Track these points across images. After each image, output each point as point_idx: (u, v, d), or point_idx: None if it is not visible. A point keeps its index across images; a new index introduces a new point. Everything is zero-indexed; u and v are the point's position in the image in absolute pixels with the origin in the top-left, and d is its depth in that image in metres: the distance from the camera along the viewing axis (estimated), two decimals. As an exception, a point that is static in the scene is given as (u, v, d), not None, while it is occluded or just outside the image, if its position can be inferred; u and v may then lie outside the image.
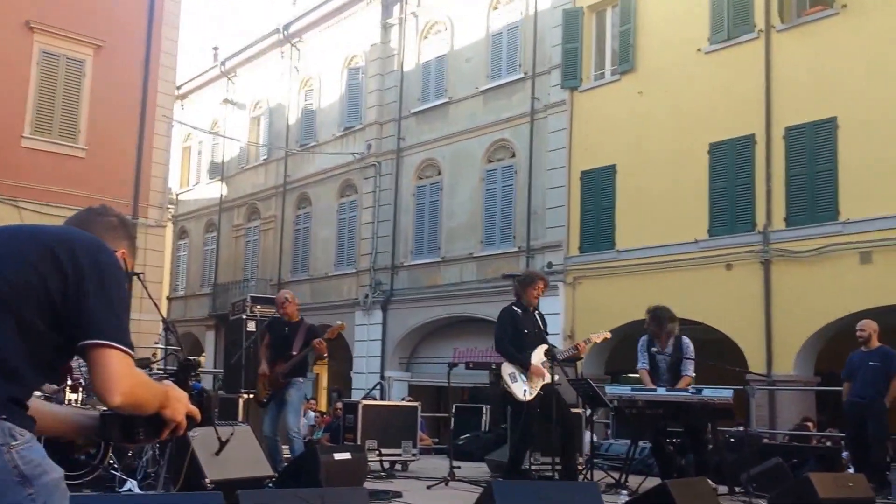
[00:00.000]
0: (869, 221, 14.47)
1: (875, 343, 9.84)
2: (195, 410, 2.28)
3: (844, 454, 10.60)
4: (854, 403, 9.78)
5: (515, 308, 8.49)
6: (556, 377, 8.22)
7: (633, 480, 8.79)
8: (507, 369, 8.15)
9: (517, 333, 8.28)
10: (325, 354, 9.17)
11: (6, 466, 1.95)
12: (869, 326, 9.94)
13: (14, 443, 1.98)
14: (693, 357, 8.92)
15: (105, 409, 2.23)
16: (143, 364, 8.67)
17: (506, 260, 20.18)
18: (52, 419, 2.27)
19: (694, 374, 8.96)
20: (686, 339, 8.97)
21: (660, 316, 8.91)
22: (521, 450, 8.50)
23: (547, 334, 8.65)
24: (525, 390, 8.08)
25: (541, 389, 8.17)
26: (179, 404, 2.23)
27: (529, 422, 8.10)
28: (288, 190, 27.43)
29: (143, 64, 18.88)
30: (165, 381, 2.31)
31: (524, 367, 8.09)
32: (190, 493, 5.11)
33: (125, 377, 2.05)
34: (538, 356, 8.22)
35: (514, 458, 8.45)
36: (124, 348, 2.08)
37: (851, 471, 9.44)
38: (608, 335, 8.93)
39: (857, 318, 11.39)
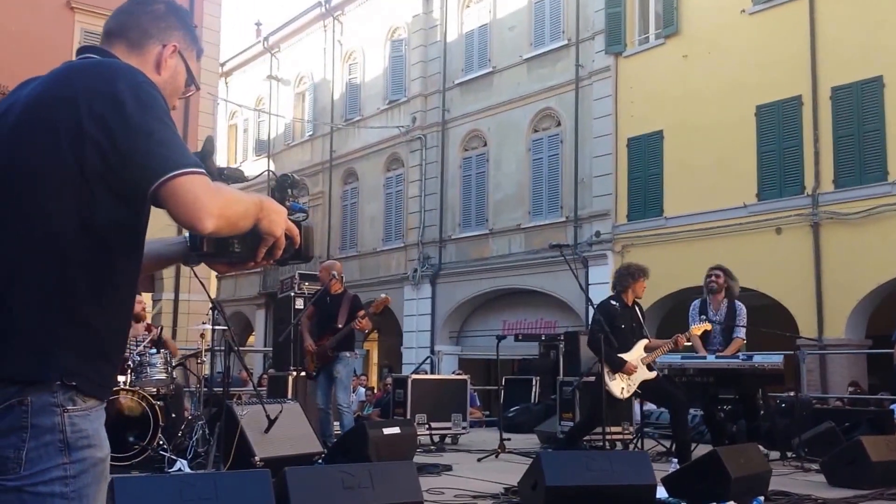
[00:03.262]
0: (919, 181, 14.18)
1: (928, 304, 9.65)
2: (294, 228, 2.02)
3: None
4: (906, 366, 9.61)
5: (613, 302, 8.30)
6: (656, 373, 8.11)
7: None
8: (607, 366, 7.97)
9: (614, 329, 8.05)
10: (368, 330, 9.19)
11: (55, 428, 1.78)
12: (921, 288, 9.75)
13: (71, 407, 1.79)
14: (745, 323, 8.84)
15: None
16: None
17: (553, 230, 20.11)
18: None
19: (745, 339, 8.89)
20: (739, 304, 8.91)
21: (730, 272, 8.85)
22: (589, 427, 8.50)
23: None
24: (622, 387, 7.98)
25: (639, 388, 8.09)
26: (277, 216, 1.95)
27: (601, 405, 7.99)
28: (334, 166, 27.55)
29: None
30: (257, 193, 1.99)
31: (615, 368, 7.90)
32: (237, 472, 5.20)
33: (209, 196, 1.76)
34: (637, 352, 8.06)
35: (576, 433, 8.48)
36: (191, 169, 1.76)
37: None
38: (709, 326, 8.58)
39: (909, 279, 11.18)
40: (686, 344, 8.50)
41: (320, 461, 7.01)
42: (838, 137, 15.48)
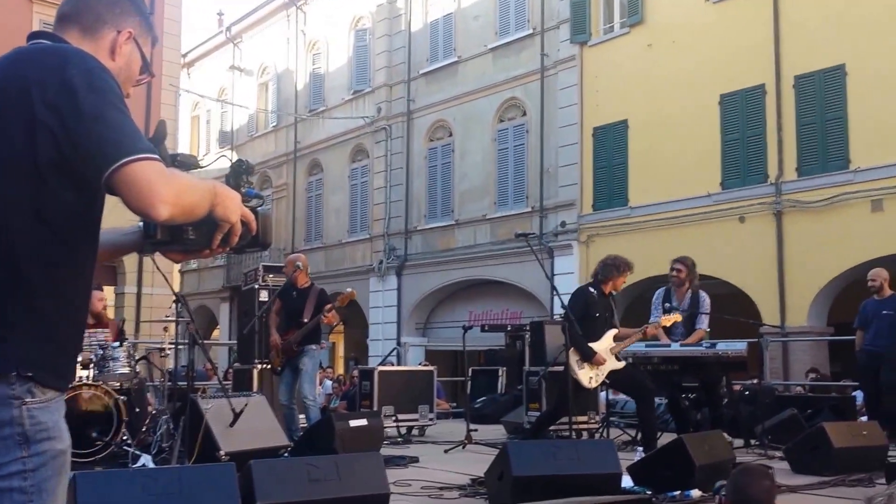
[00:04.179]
0: (879, 169, 14.41)
1: (887, 291, 9.80)
2: (249, 215, 1.99)
3: (858, 402, 10.60)
4: (868, 352, 9.75)
5: (591, 290, 8.24)
6: (624, 363, 8.12)
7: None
8: (575, 355, 7.90)
9: (588, 317, 8.01)
10: (335, 324, 9.14)
11: (13, 421, 1.76)
12: (879, 275, 9.89)
13: (30, 399, 1.77)
14: (708, 311, 8.89)
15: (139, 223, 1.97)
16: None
17: (519, 220, 20.14)
18: None
19: (708, 329, 8.95)
20: (703, 294, 8.94)
21: (693, 265, 8.86)
22: (555, 417, 8.50)
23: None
24: (591, 377, 7.96)
25: (607, 378, 8.09)
26: (231, 202, 1.91)
27: (567, 394, 7.98)
28: (299, 157, 27.39)
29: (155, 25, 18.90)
30: (211, 179, 1.97)
31: (586, 358, 7.86)
32: (201, 466, 5.15)
33: (163, 183, 1.72)
34: (606, 342, 8.03)
35: (542, 422, 8.49)
36: (145, 155, 1.72)
37: (865, 419, 9.43)
38: (679, 317, 8.55)
39: (869, 266, 11.33)
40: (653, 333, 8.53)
41: (286, 454, 6.97)
42: (801, 126, 15.63)
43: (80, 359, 6.79)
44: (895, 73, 14.26)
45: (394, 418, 10.02)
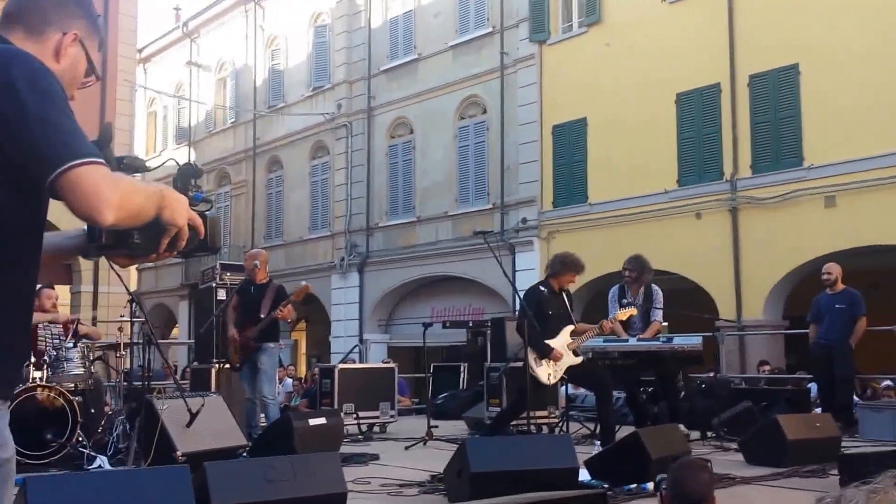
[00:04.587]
0: (832, 166, 14.62)
1: (840, 286, 9.97)
2: (197, 218, 1.97)
3: (813, 395, 10.78)
4: (821, 345, 9.94)
5: (542, 288, 8.27)
6: (582, 358, 8.17)
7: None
8: (533, 353, 7.94)
9: (541, 314, 8.03)
10: (291, 319, 9.11)
11: None
12: (834, 269, 10.07)
13: None
14: (661, 305, 9.02)
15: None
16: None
17: (481, 217, 20.19)
18: None
19: (664, 322, 9.08)
20: (655, 287, 9.09)
21: (644, 265, 8.98)
22: (515, 413, 8.54)
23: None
24: (549, 374, 7.98)
25: (566, 373, 8.12)
26: (179, 205, 1.90)
27: (526, 390, 8.00)
28: (258, 153, 27.18)
29: (103, 26, 18.60)
30: (158, 183, 1.95)
31: (542, 355, 7.89)
32: (155, 468, 5.11)
33: (108, 187, 1.70)
34: (563, 338, 8.05)
35: (503, 418, 8.53)
36: (90, 160, 1.70)
37: (819, 411, 9.59)
38: (634, 311, 8.67)
39: (823, 261, 11.52)
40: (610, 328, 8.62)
41: (245, 454, 6.92)
42: (755, 124, 15.84)
43: (33, 359, 6.68)
44: (847, 72, 14.49)
45: (354, 416, 10.00)
